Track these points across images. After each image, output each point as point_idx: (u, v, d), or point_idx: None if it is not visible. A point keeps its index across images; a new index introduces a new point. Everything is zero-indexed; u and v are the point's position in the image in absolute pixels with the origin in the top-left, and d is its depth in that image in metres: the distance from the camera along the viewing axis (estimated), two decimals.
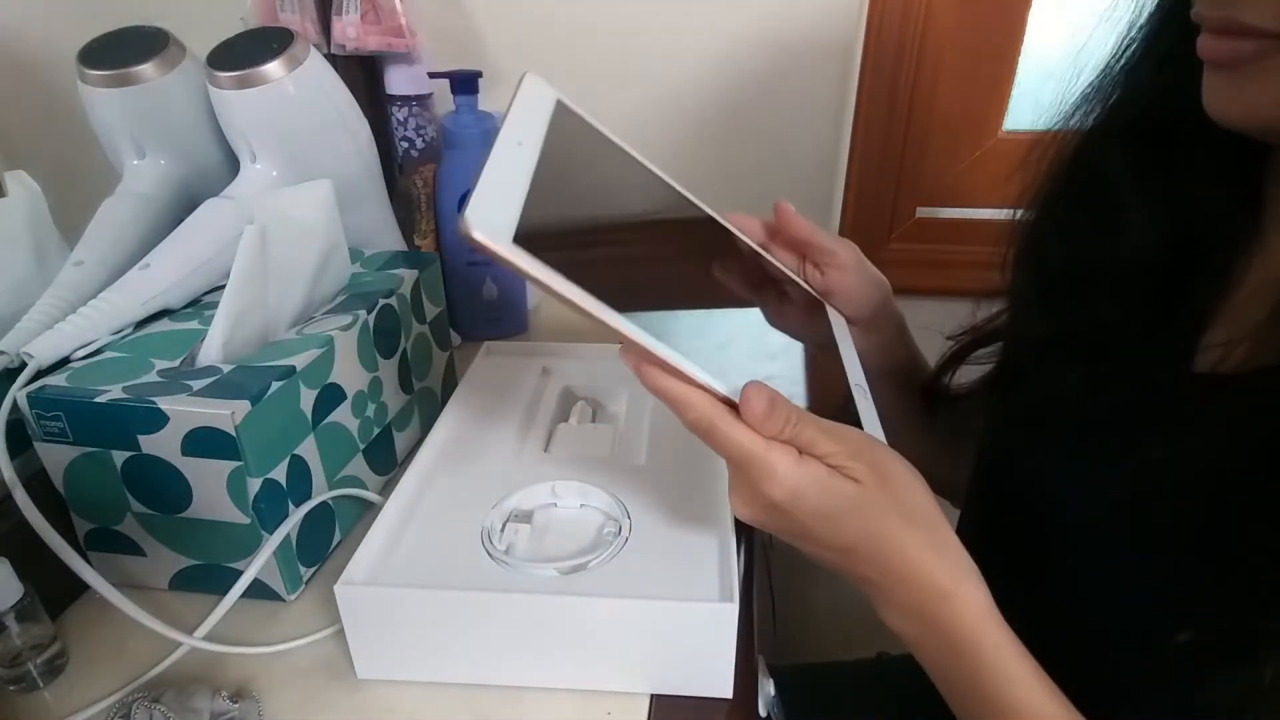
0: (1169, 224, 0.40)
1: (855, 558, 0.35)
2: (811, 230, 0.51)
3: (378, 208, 0.69)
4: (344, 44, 0.72)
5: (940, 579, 0.34)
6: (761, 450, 0.34)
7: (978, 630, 0.34)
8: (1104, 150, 0.42)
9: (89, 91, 0.57)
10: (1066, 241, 0.45)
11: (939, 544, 0.35)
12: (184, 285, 0.53)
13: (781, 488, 0.33)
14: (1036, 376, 0.45)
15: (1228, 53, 0.32)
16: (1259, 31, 0.30)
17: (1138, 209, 0.41)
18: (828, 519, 0.34)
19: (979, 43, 0.76)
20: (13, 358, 0.45)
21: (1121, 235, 0.41)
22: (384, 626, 0.40)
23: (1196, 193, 0.39)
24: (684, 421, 0.35)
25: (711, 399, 0.34)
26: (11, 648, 0.40)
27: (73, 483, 0.44)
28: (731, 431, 0.34)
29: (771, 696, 0.44)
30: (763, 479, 0.34)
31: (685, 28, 0.79)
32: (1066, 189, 0.45)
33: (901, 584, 0.35)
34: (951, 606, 0.34)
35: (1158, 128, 0.40)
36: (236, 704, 0.39)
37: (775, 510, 0.35)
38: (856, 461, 0.34)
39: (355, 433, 0.52)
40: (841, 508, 0.34)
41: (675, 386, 0.34)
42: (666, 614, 0.39)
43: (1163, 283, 0.41)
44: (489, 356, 0.63)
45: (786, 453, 0.34)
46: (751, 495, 0.35)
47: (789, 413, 0.34)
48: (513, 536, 0.44)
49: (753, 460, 0.34)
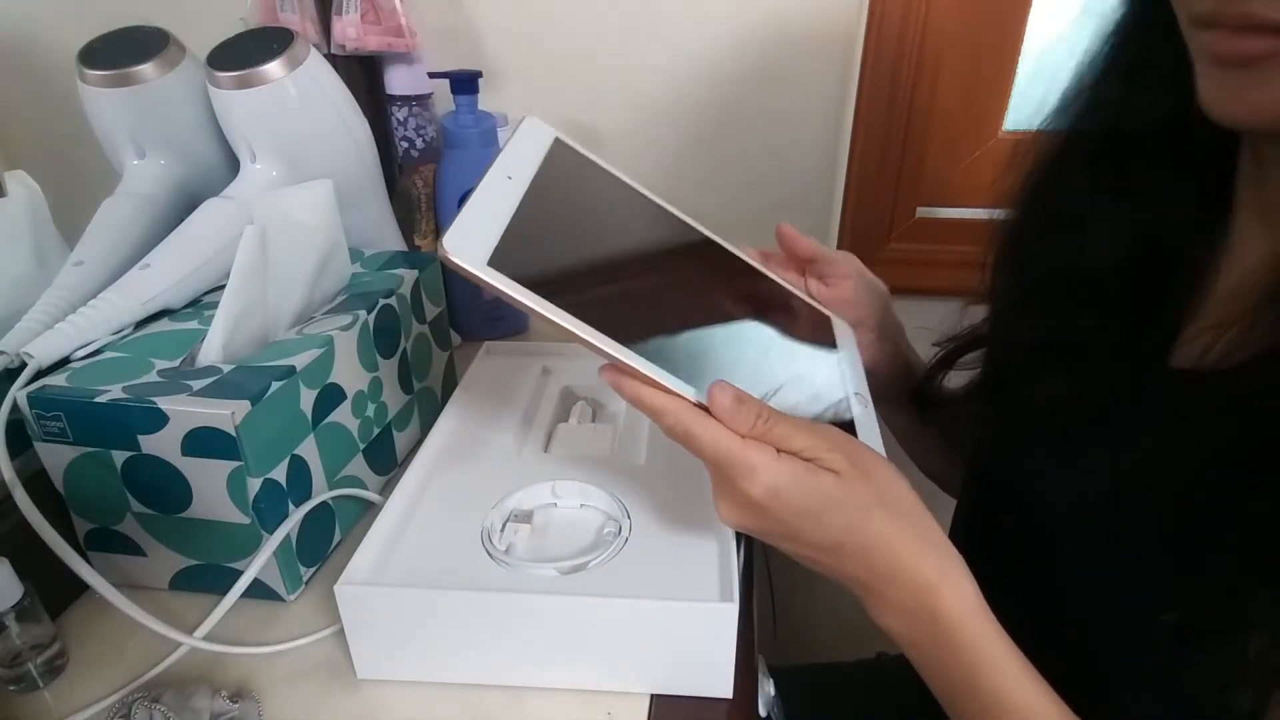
0: (1134, 227, 0.41)
1: (843, 555, 0.35)
2: (814, 247, 0.52)
3: (378, 208, 0.69)
4: (344, 44, 0.72)
5: (927, 571, 0.34)
6: (738, 449, 0.34)
7: (966, 621, 0.34)
8: (1071, 156, 0.43)
9: (89, 91, 0.57)
10: (1042, 245, 0.45)
11: (924, 535, 0.35)
12: (184, 285, 0.53)
13: (760, 484, 0.33)
14: (1021, 379, 0.45)
15: (1240, 50, 0.31)
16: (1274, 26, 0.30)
17: (1102, 214, 0.41)
18: (811, 516, 0.34)
19: (979, 43, 0.76)
20: (13, 358, 0.45)
21: (1088, 240, 0.42)
22: (384, 626, 0.40)
23: (1162, 195, 0.40)
24: (662, 428, 0.35)
25: (686, 404, 0.34)
26: (11, 648, 0.40)
27: (73, 483, 0.44)
28: (706, 433, 0.34)
29: (771, 696, 0.44)
30: (740, 477, 0.34)
31: (685, 27, 0.79)
32: (1041, 192, 0.46)
33: (889, 579, 0.35)
34: (939, 598, 0.34)
35: (1123, 134, 0.40)
36: (236, 704, 0.39)
37: (757, 510, 0.34)
38: (834, 454, 0.34)
39: (355, 433, 0.52)
40: (824, 503, 0.34)
41: (650, 394, 0.34)
42: (666, 614, 0.39)
43: (1137, 283, 0.41)
44: (489, 356, 0.63)
45: (763, 450, 0.34)
46: (733, 496, 0.35)
47: (759, 409, 0.34)
48: (513, 536, 0.44)
49: (730, 459, 0.34)
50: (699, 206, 0.85)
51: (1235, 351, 0.35)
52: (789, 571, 0.85)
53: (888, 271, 0.56)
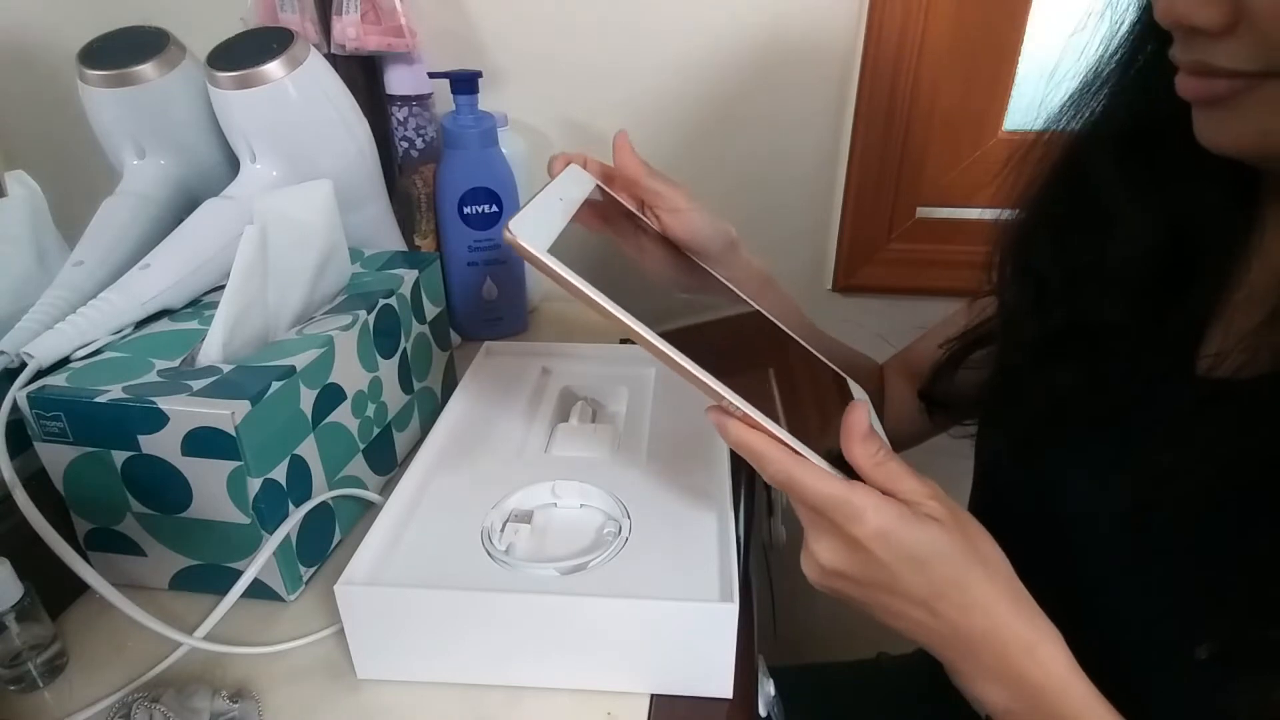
0: (1159, 228, 0.40)
1: (939, 611, 0.34)
2: (639, 169, 0.49)
3: (378, 208, 0.69)
4: (344, 44, 0.72)
5: (1024, 631, 0.33)
6: (844, 492, 0.33)
7: (1067, 683, 0.33)
8: (1092, 155, 0.42)
9: (89, 91, 0.57)
10: (1058, 244, 0.44)
11: (1017, 595, 0.34)
12: (184, 285, 0.53)
13: (869, 528, 0.32)
14: (1033, 380, 0.44)
15: (1203, 92, 0.33)
16: (1231, 73, 0.31)
17: (1127, 213, 0.41)
18: (916, 563, 0.33)
19: (979, 43, 0.76)
20: (13, 358, 0.45)
21: (1112, 239, 0.41)
22: (384, 626, 0.40)
23: (1188, 196, 0.39)
24: (764, 475, 0.34)
25: (785, 448, 0.34)
26: (11, 648, 0.40)
27: (73, 483, 0.44)
28: (809, 479, 0.33)
29: (771, 696, 0.44)
30: (848, 521, 0.33)
31: (685, 27, 0.79)
32: (1056, 193, 0.45)
33: (985, 639, 0.33)
34: (1036, 659, 0.33)
35: (1146, 132, 0.39)
36: (236, 704, 0.39)
37: (862, 554, 0.33)
38: (936, 502, 0.33)
39: (355, 433, 0.52)
40: (930, 552, 0.33)
41: (754, 439, 0.34)
42: (666, 614, 0.39)
43: (1158, 285, 0.40)
44: (489, 356, 0.63)
45: (870, 492, 0.33)
46: (835, 543, 0.34)
47: (880, 440, 0.33)
48: (513, 536, 0.44)
49: (835, 504, 0.33)
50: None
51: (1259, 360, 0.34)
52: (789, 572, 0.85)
53: (888, 271, 0.56)
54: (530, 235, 0.33)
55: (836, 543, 0.34)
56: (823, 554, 0.35)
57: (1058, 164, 0.45)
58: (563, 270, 0.33)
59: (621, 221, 0.50)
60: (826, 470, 0.34)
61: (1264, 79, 0.30)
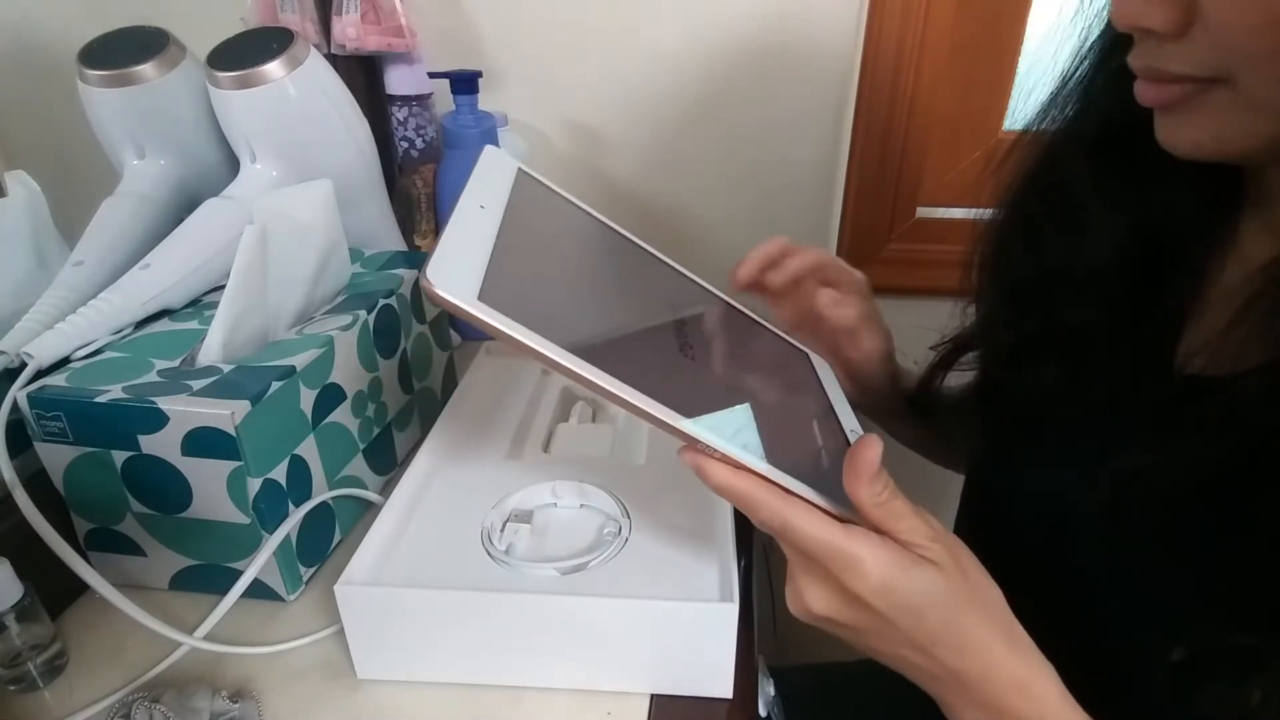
0: (1133, 229, 0.40)
1: (934, 654, 0.33)
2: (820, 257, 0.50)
3: (378, 208, 0.69)
4: (344, 44, 0.72)
5: (1019, 670, 0.33)
6: (841, 540, 0.31)
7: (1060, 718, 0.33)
8: (1065, 157, 0.42)
9: (89, 91, 0.57)
10: (1033, 246, 0.44)
11: (1014, 636, 0.33)
12: (184, 285, 0.53)
13: (868, 580, 0.31)
14: (1012, 381, 0.44)
15: (1157, 98, 0.33)
16: (1181, 77, 0.31)
17: (1100, 215, 0.41)
18: (913, 612, 0.32)
19: (979, 43, 0.76)
20: (13, 358, 0.45)
21: (1086, 239, 0.41)
22: (384, 626, 0.40)
23: (1160, 197, 0.39)
24: (755, 521, 0.33)
25: (775, 490, 0.32)
26: (11, 648, 0.40)
27: (73, 483, 0.44)
28: (806, 526, 0.31)
29: (771, 696, 0.44)
30: (845, 571, 0.31)
31: (685, 28, 0.79)
32: (1031, 195, 0.45)
33: (981, 681, 0.33)
34: (1030, 697, 0.33)
35: (1117, 135, 0.40)
36: (236, 704, 0.39)
37: (858, 605, 0.32)
38: (936, 544, 0.32)
39: (355, 433, 0.52)
40: (926, 599, 0.32)
41: (740, 484, 0.32)
42: (666, 614, 0.39)
43: (1135, 285, 0.40)
44: (489, 356, 0.63)
45: (867, 538, 0.31)
46: (828, 591, 0.33)
47: (886, 477, 0.32)
48: (513, 536, 0.44)
49: (832, 553, 0.31)
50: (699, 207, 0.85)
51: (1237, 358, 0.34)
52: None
53: (888, 271, 0.56)
54: (453, 281, 0.27)
55: (830, 591, 0.33)
56: (815, 601, 0.33)
57: (1032, 166, 0.45)
58: (495, 320, 0.27)
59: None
60: (820, 512, 0.32)
61: (1213, 84, 0.31)
